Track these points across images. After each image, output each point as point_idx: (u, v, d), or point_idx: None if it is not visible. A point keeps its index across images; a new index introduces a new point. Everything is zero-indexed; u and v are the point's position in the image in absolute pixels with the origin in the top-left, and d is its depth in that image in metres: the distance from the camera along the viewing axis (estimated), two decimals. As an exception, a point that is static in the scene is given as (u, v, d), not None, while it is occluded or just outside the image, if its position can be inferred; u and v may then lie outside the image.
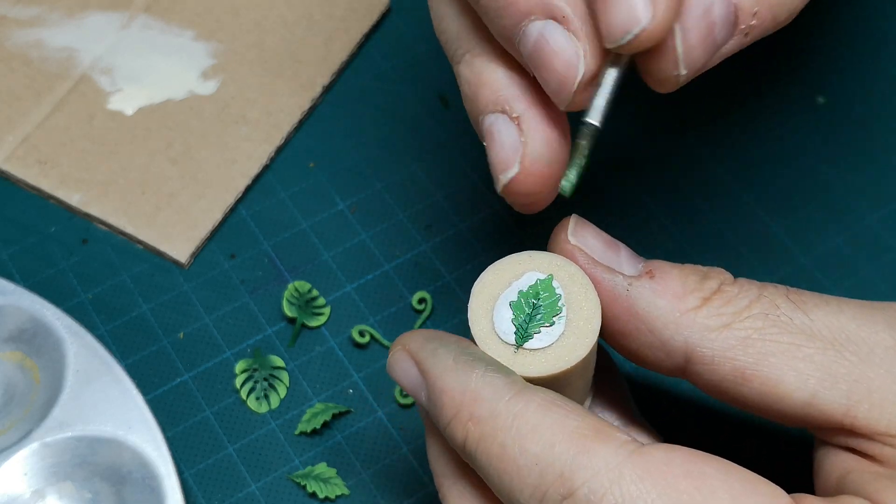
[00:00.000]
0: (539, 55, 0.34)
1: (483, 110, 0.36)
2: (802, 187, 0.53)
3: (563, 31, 0.33)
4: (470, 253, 0.51)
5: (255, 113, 0.53)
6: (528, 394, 0.32)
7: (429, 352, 0.35)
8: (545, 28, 0.33)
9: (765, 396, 0.35)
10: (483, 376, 0.33)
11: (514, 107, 0.36)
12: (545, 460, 0.31)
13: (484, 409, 0.33)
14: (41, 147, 0.52)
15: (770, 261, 0.51)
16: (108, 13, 0.56)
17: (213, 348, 0.48)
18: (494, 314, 0.35)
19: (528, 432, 0.32)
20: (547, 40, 0.33)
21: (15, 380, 0.45)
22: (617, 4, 0.31)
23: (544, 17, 0.33)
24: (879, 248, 0.51)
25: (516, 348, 0.35)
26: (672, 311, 0.36)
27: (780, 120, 0.54)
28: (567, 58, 0.33)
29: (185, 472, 0.45)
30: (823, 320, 0.36)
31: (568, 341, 0.35)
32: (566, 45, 0.33)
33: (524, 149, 0.35)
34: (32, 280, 0.49)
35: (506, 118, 0.36)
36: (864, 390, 0.35)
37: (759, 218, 0.52)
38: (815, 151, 0.54)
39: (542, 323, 0.35)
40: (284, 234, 0.51)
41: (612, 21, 0.31)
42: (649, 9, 0.31)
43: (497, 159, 0.36)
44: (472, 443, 0.33)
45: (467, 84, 0.37)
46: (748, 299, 0.36)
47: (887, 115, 0.55)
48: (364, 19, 0.56)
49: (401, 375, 0.36)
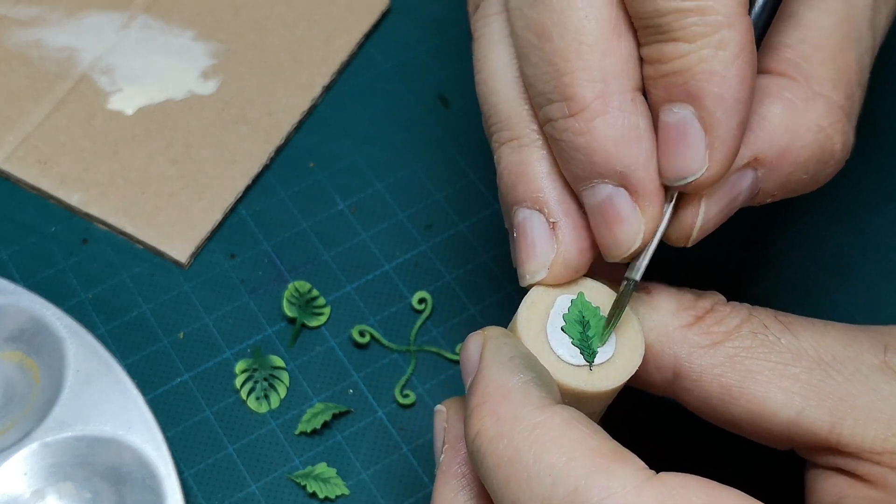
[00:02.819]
0: (601, 216, 0.35)
1: (519, 203, 0.37)
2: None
3: (631, 203, 0.35)
4: (470, 253, 0.51)
5: (255, 113, 0.53)
6: (556, 408, 0.32)
7: (496, 343, 0.35)
8: (615, 194, 0.35)
9: (751, 414, 0.36)
10: (524, 383, 0.33)
11: (552, 211, 0.36)
12: (560, 472, 0.31)
13: (508, 408, 0.32)
14: (41, 147, 0.52)
15: (771, 263, 0.51)
16: (108, 13, 0.56)
17: (213, 348, 0.48)
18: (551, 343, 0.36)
19: (547, 442, 0.31)
20: (614, 206, 0.35)
21: (15, 380, 0.45)
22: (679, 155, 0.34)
23: (616, 184, 0.34)
24: (881, 249, 0.51)
25: (590, 367, 0.35)
26: (664, 326, 0.37)
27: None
28: (629, 228, 0.35)
29: (185, 472, 0.45)
30: (810, 340, 0.37)
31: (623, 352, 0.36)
32: (630, 217, 0.35)
33: (556, 256, 0.36)
34: (32, 280, 0.49)
35: (541, 218, 0.36)
36: (849, 408, 0.35)
37: (760, 220, 0.52)
38: (816, 151, 0.54)
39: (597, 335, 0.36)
40: (284, 234, 0.51)
41: (673, 166, 0.34)
42: (706, 161, 0.33)
43: (525, 258, 0.37)
44: (485, 439, 0.32)
45: (508, 171, 0.37)
46: (738, 319, 0.37)
47: (888, 116, 0.55)
48: (364, 19, 0.56)
49: (465, 355, 0.36)
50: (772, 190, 0.36)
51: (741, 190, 0.35)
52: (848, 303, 0.50)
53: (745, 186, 0.36)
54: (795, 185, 0.37)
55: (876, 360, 0.36)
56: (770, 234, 0.51)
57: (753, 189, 0.36)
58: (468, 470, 0.36)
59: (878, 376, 0.36)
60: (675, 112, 0.34)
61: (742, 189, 0.36)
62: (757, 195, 0.36)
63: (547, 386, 0.34)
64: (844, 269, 0.50)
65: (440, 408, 0.38)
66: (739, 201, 0.36)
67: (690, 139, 0.33)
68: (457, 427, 0.37)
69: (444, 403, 0.38)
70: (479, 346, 0.35)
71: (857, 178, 0.53)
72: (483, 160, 0.53)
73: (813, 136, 0.35)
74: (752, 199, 0.36)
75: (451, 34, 0.57)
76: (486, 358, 0.34)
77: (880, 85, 0.56)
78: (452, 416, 0.37)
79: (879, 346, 0.36)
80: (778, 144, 0.35)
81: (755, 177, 0.36)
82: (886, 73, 0.56)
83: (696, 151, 0.33)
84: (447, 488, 0.36)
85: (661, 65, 0.33)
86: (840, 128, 0.36)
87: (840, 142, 0.36)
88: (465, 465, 0.36)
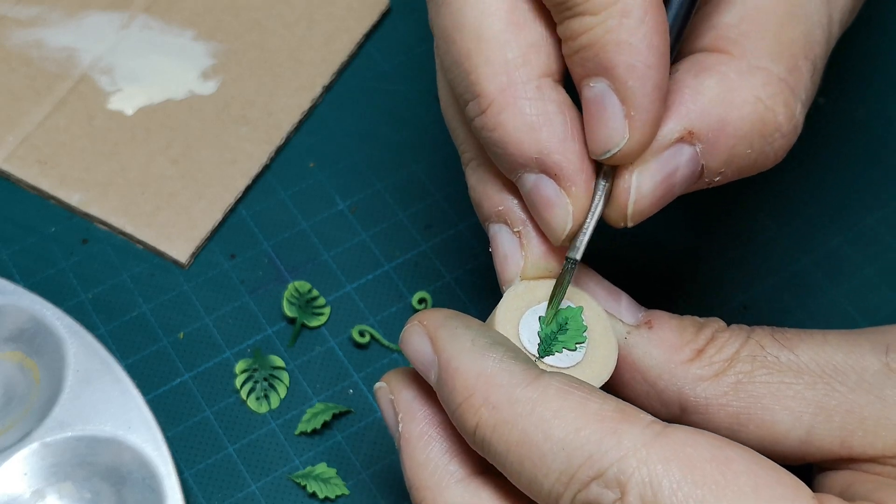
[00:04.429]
0: (533, 204, 0.36)
1: (487, 219, 0.38)
2: (802, 187, 0.53)
3: (555, 187, 0.35)
4: (470, 253, 0.51)
5: (255, 113, 0.53)
6: (545, 379, 0.32)
7: (448, 330, 0.35)
8: (538, 180, 0.35)
9: (762, 440, 0.36)
10: (500, 361, 0.33)
11: (514, 221, 0.37)
12: (572, 444, 0.31)
13: (501, 395, 0.32)
14: (41, 147, 0.52)
15: (771, 262, 0.51)
16: (108, 13, 0.56)
17: (213, 348, 0.48)
18: (522, 321, 0.36)
19: (551, 417, 0.32)
20: (539, 192, 0.35)
21: (15, 380, 0.45)
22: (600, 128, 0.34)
23: (538, 171, 0.35)
24: (879, 248, 0.51)
25: (537, 358, 0.35)
26: (667, 362, 0.37)
27: (780, 120, 0.54)
28: (558, 212, 0.35)
29: (185, 472, 0.45)
30: (809, 354, 0.36)
31: (584, 371, 0.36)
32: (557, 201, 0.35)
33: (525, 263, 0.37)
34: (32, 280, 0.49)
35: (507, 230, 0.38)
36: (857, 420, 0.35)
37: (760, 219, 0.52)
38: (815, 152, 0.54)
39: (565, 345, 0.36)
40: (284, 234, 0.51)
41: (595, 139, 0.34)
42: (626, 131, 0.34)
43: (500, 268, 0.38)
44: (487, 429, 0.32)
45: (472, 190, 0.39)
46: (737, 344, 0.37)
47: (887, 116, 0.55)
48: (364, 19, 0.56)
49: (413, 351, 0.36)
50: (717, 167, 0.35)
51: (678, 165, 0.35)
52: (848, 303, 0.50)
53: (682, 161, 0.35)
54: (742, 162, 0.36)
55: (878, 363, 0.36)
56: (769, 233, 0.51)
57: (694, 165, 0.35)
58: (430, 427, 0.36)
59: (882, 381, 0.35)
60: (592, 87, 0.34)
61: (679, 164, 0.35)
62: (702, 174, 0.35)
63: (519, 355, 0.34)
64: (844, 269, 0.50)
65: (381, 384, 0.37)
66: (680, 178, 0.35)
67: (608, 111, 0.33)
68: (404, 394, 0.36)
69: (384, 378, 0.38)
70: (426, 339, 0.35)
71: (856, 178, 0.53)
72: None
73: (751, 107, 0.35)
74: (696, 177, 0.35)
75: (451, 34, 0.57)
76: (447, 349, 0.34)
77: (880, 84, 0.56)
78: (397, 385, 0.37)
79: (881, 348, 0.36)
80: (713, 117, 0.35)
81: (694, 152, 0.35)
82: (885, 73, 0.56)
83: (615, 122, 0.34)
84: (416, 451, 0.36)
85: (573, 41, 0.34)
86: (782, 100, 0.35)
87: (783, 114, 0.35)
88: (426, 424, 0.36)
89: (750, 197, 0.52)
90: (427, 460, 0.35)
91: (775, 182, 0.53)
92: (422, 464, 0.35)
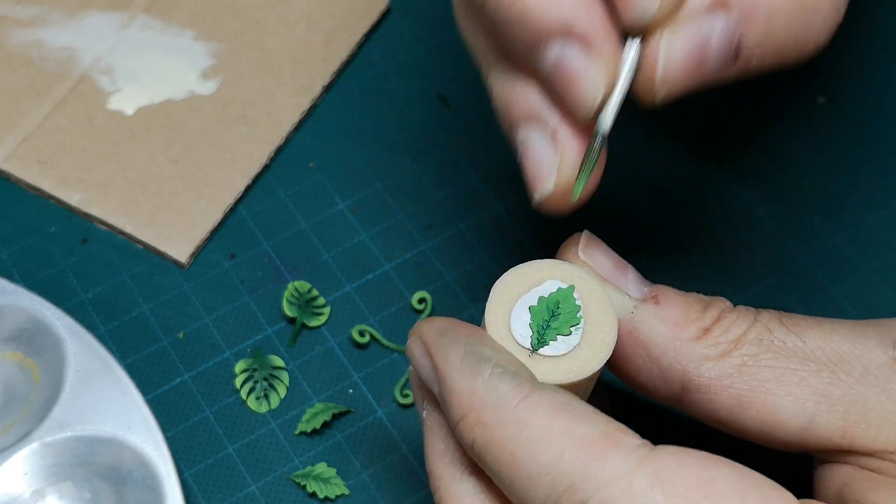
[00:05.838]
0: (559, 79, 0.34)
1: (516, 122, 0.36)
2: (802, 187, 0.53)
3: (582, 56, 0.33)
4: (470, 253, 0.51)
5: (255, 113, 0.53)
6: (535, 398, 0.32)
7: (440, 347, 0.34)
8: (565, 49, 0.34)
9: (763, 424, 0.35)
10: (489, 381, 0.33)
11: (548, 119, 0.36)
12: (556, 470, 0.31)
13: (490, 416, 0.32)
14: (41, 147, 0.52)
15: (770, 261, 0.51)
16: (108, 13, 0.56)
17: (213, 348, 0.48)
18: (512, 316, 0.35)
19: (538, 440, 0.31)
20: (566, 63, 0.34)
21: (15, 380, 0.45)
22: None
23: (563, 39, 0.33)
24: (880, 248, 0.51)
25: (531, 352, 0.35)
26: (672, 339, 0.36)
27: (780, 120, 0.54)
28: (588, 81, 0.34)
29: (185, 472, 0.45)
30: (816, 342, 0.36)
31: (582, 353, 0.35)
32: (586, 69, 0.33)
33: (561, 164, 0.36)
34: (32, 280, 0.49)
35: (540, 132, 0.36)
36: (860, 411, 0.35)
37: (760, 218, 0.52)
38: (815, 151, 0.54)
39: (559, 331, 0.35)
40: (284, 234, 0.51)
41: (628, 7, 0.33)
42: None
43: (533, 174, 0.36)
44: (480, 448, 0.33)
45: (498, 97, 0.37)
46: (744, 326, 0.36)
47: (887, 115, 0.55)
48: (364, 19, 0.56)
49: (418, 366, 0.35)
50: (753, 43, 0.33)
51: (711, 34, 0.33)
52: (847, 301, 0.50)
53: (716, 31, 0.33)
54: (780, 42, 0.34)
55: (885, 356, 0.35)
56: (769, 233, 0.51)
57: (729, 38, 0.33)
58: None
59: (887, 374, 0.35)
60: None
61: (713, 34, 0.33)
62: (738, 53, 0.34)
63: (510, 366, 0.33)
64: (844, 268, 0.50)
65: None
66: (713, 51, 0.33)
67: None
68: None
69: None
70: (426, 354, 0.35)
71: (856, 177, 0.53)
72: (483, 160, 0.53)
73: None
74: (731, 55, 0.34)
75: (451, 34, 0.57)
76: (440, 367, 0.34)
77: (880, 85, 0.56)
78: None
79: (888, 341, 0.36)
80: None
81: (728, 23, 0.33)
82: (885, 72, 0.56)
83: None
84: (436, 441, 0.35)
85: None
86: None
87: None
88: None
89: (749, 195, 0.52)
90: (444, 451, 0.35)
91: (775, 180, 0.53)
92: (439, 453, 0.36)
